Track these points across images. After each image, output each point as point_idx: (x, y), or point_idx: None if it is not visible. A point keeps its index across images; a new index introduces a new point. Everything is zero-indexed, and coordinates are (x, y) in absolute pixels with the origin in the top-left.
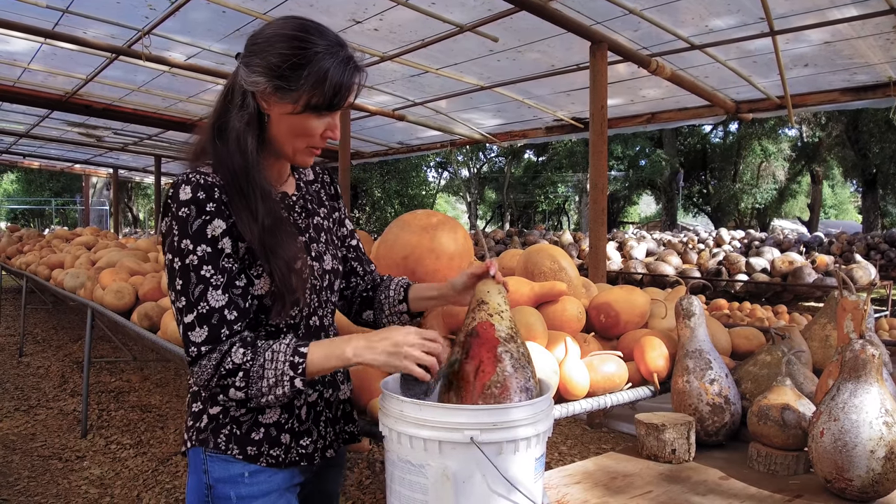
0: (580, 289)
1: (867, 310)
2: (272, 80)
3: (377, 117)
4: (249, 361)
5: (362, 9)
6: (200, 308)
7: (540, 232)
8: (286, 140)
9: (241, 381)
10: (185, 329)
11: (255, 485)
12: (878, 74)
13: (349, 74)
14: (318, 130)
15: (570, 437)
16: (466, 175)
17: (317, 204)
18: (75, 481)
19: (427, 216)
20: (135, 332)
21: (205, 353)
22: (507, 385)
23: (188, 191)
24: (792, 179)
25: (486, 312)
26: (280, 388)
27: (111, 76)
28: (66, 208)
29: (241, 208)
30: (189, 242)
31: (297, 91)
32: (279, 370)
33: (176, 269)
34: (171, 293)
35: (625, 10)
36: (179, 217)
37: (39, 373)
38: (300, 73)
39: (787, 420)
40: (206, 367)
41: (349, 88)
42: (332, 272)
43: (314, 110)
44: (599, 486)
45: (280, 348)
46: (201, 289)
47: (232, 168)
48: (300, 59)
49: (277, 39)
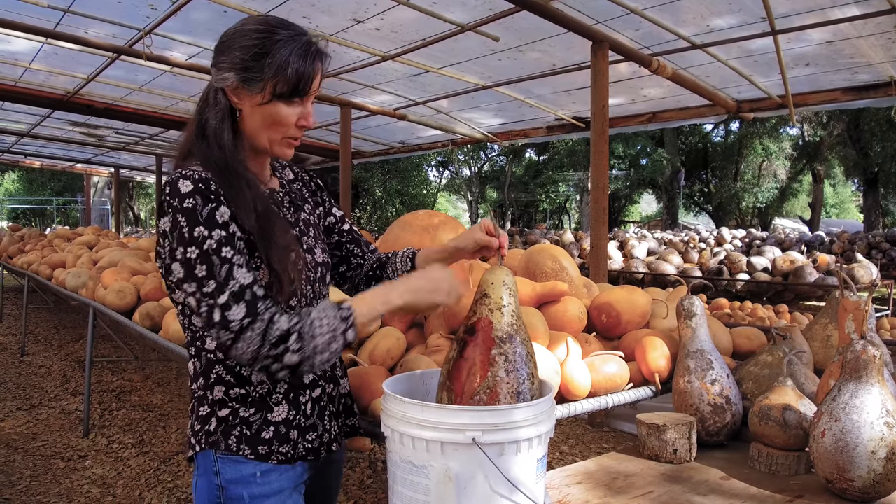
0: (581, 289)
1: (868, 310)
2: (238, 73)
3: (378, 116)
4: (298, 323)
5: (363, 8)
6: (231, 286)
7: (541, 231)
8: (261, 132)
9: (296, 343)
10: (221, 311)
11: (267, 484)
12: (879, 74)
13: (311, 59)
14: (290, 119)
15: (571, 436)
16: (467, 174)
17: (301, 200)
18: (77, 481)
19: (428, 216)
20: (136, 331)
21: (247, 326)
22: (497, 391)
23: (188, 184)
24: (793, 178)
25: (488, 308)
26: (335, 342)
27: (112, 76)
28: (67, 208)
29: (235, 198)
30: (203, 229)
31: (262, 80)
32: (331, 325)
33: (194, 258)
34: (189, 285)
35: (626, 9)
36: (185, 208)
37: (41, 372)
38: (263, 62)
39: (789, 420)
40: (253, 338)
41: (312, 73)
42: (323, 265)
43: (281, 98)
44: (601, 487)
45: (323, 306)
46: (227, 269)
47: (215, 162)
48: (262, 49)
49: (240, 35)
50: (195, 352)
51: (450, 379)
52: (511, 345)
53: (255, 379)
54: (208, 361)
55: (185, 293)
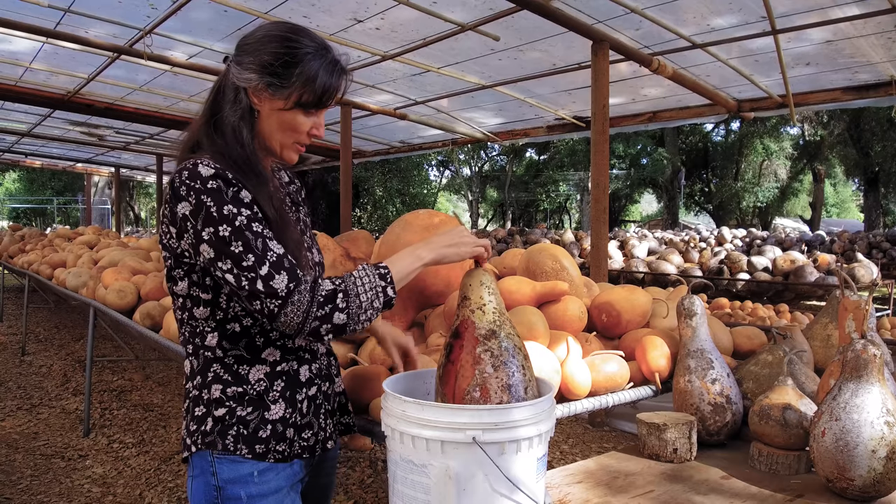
0: (582, 288)
1: (869, 309)
2: (264, 76)
3: (379, 116)
4: (342, 283)
5: (363, 8)
6: (270, 257)
7: (541, 230)
8: (274, 135)
9: (343, 302)
10: (264, 281)
11: (265, 483)
12: (879, 73)
13: (337, 75)
14: (305, 127)
15: (571, 435)
16: (468, 174)
17: (295, 203)
18: (78, 480)
19: (429, 216)
20: (137, 331)
21: (294, 289)
22: (487, 387)
23: (209, 169)
24: (794, 178)
25: (469, 309)
26: (377, 300)
27: (113, 75)
28: (67, 207)
29: (254, 191)
30: (232, 207)
31: (288, 88)
32: (372, 283)
33: (227, 235)
34: (224, 262)
35: (626, 8)
36: (210, 189)
37: (42, 372)
38: (292, 71)
39: (789, 420)
40: (302, 300)
41: (336, 88)
42: (319, 265)
43: (303, 107)
44: (601, 486)
45: (362, 266)
46: (262, 241)
47: (233, 158)
48: (292, 59)
49: (269, 39)
50: (192, 350)
51: (441, 384)
52: (496, 340)
53: (253, 377)
54: (206, 359)
55: (221, 271)
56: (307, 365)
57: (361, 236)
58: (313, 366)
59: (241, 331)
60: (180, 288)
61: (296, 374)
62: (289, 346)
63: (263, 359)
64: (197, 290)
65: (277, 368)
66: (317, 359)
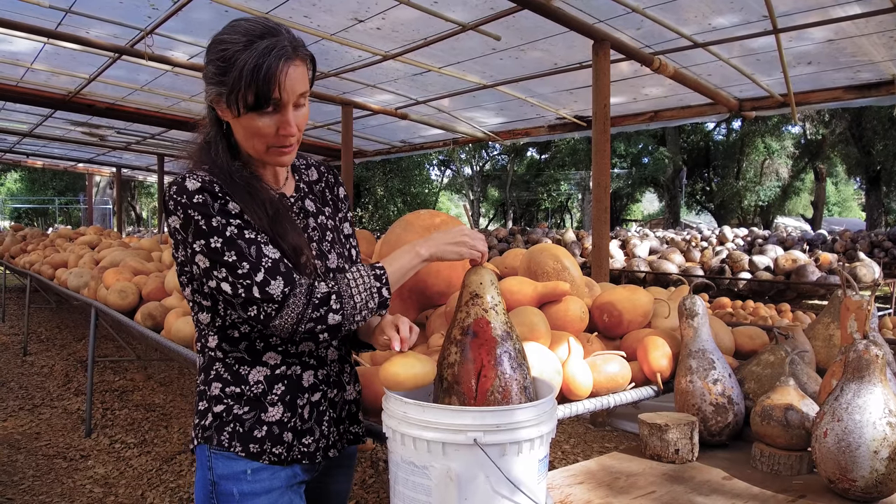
0: (583, 288)
1: (871, 309)
2: (214, 87)
3: (380, 116)
4: (336, 286)
5: (364, 8)
6: (265, 263)
7: (543, 230)
8: (246, 142)
9: (336, 304)
10: (260, 288)
11: (258, 482)
12: (881, 72)
13: (267, 65)
14: (267, 130)
15: (573, 436)
16: (469, 173)
17: (321, 203)
18: (80, 480)
19: (430, 216)
20: (138, 331)
21: (289, 293)
22: (509, 388)
23: (195, 182)
24: (795, 177)
25: (482, 308)
26: (372, 300)
27: (114, 76)
28: (69, 207)
29: (242, 203)
30: (220, 218)
31: (231, 94)
32: (367, 284)
33: (219, 246)
34: (219, 271)
35: (627, 8)
36: (196, 203)
37: (44, 372)
38: (229, 77)
39: (791, 420)
40: (297, 303)
41: (270, 79)
42: (337, 270)
43: (252, 109)
44: (603, 486)
45: (357, 268)
46: (256, 248)
47: (220, 170)
48: (225, 62)
49: (212, 46)
50: (200, 347)
51: (458, 382)
52: (511, 342)
53: (252, 379)
54: (209, 358)
55: (217, 280)
56: (312, 371)
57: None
58: (319, 372)
59: (240, 336)
60: (187, 293)
61: (298, 378)
62: (291, 351)
63: (264, 361)
64: (199, 296)
65: (277, 372)
66: (325, 365)
